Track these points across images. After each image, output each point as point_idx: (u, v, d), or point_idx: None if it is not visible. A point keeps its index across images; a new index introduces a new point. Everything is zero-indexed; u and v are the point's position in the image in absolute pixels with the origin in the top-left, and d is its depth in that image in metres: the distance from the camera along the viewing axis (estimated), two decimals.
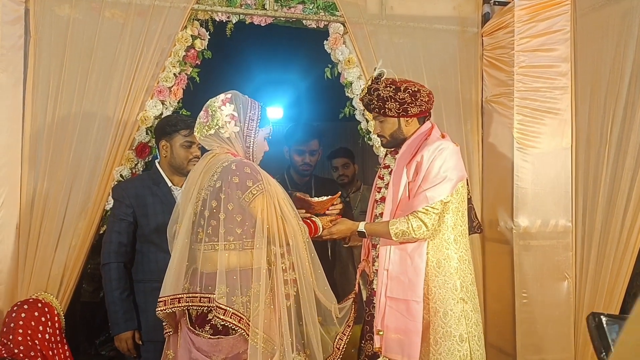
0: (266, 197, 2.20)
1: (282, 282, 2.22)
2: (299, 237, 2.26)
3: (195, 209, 2.25)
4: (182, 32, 3.05)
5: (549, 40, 3.26)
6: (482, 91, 3.53)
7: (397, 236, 2.45)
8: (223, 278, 2.16)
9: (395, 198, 2.53)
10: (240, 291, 2.17)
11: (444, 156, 2.46)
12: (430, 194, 2.43)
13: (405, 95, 2.50)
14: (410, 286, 2.45)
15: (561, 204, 3.28)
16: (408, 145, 2.57)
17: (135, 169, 3.04)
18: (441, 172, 2.45)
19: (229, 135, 2.29)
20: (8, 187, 2.77)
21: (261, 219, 2.19)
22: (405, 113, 2.54)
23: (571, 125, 3.28)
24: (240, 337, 2.17)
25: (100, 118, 2.94)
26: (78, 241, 2.91)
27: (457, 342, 2.44)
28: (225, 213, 2.17)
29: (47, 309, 2.70)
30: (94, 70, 2.95)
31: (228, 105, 2.30)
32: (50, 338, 2.65)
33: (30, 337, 2.56)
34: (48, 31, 2.89)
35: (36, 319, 2.61)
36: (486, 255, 3.49)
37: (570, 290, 3.26)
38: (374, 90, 2.54)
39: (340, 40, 3.31)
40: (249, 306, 2.17)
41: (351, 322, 2.41)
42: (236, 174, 2.19)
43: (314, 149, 3.67)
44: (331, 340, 2.36)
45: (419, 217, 2.43)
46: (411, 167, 2.50)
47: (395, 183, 2.54)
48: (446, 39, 3.49)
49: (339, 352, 2.35)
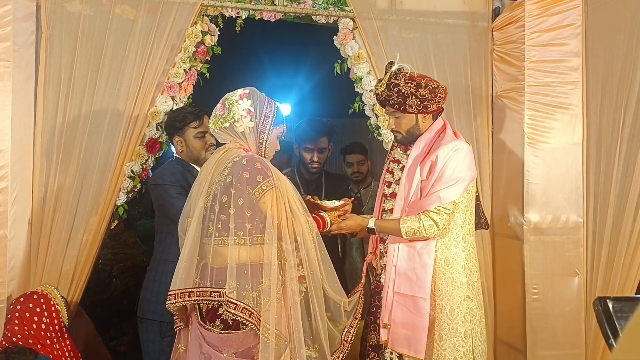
0: (276, 193, 2.21)
1: (293, 278, 2.23)
2: (307, 235, 2.26)
3: (206, 204, 2.26)
4: (192, 28, 3.05)
5: (560, 34, 3.24)
6: (492, 86, 3.51)
7: (407, 234, 2.46)
8: (233, 273, 2.17)
9: (407, 195, 2.52)
10: (250, 286, 2.19)
11: (459, 157, 2.47)
12: (444, 194, 2.44)
13: (426, 92, 2.49)
14: (418, 283, 2.46)
15: (572, 199, 3.26)
16: (423, 142, 2.55)
17: (146, 164, 3.06)
18: (455, 173, 2.46)
19: (244, 130, 2.31)
20: (20, 182, 2.79)
21: (271, 215, 2.20)
22: (425, 110, 2.52)
23: (582, 121, 3.26)
24: (251, 332, 2.18)
25: (111, 114, 2.96)
26: (89, 237, 2.93)
27: (462, 338, 2.48)
28: (235, 208, 2.18)
29: (42, 300, 2.71)
30: (104, 66, 2.96)
31: (245, 100, 2.31)
32: (47, 328, 2.67)
33: (26, 327, 2.61)
34: (59, 27, 2.91)
35: (30, 310, 2.64)
36: (496, 251, 3.47)
37: (581, 286, 3.24)
38: (394, 86, 2.50)
39: (349, 35, 3.30)
40: (259, 301, 2.18)
41: (359, 315, 2.42)
42: (247, 169, 2.20)
43: (323, 146, 3.66)
44: (339, 334, 2.37)
45: (431, 217, 2.44)
46: (425, 166, 2.49)
47: (408, 180, 2.53)
48: (456, 34, 3.47)
49: (347, 345, 2.36)
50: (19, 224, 2.80)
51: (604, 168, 3.13)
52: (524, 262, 3.24)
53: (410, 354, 2.46)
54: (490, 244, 3.47)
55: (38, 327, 2.62)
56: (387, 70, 2.57)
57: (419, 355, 2.43)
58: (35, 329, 2.62)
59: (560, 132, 3.26)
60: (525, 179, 3.24)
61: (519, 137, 3.29)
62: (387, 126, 2.69)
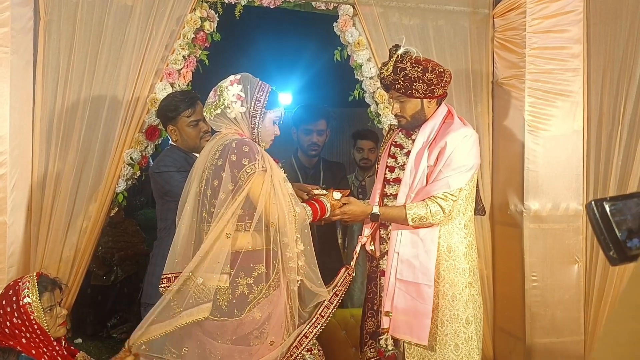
0: (261, 179, 2.20)
1: (287, 264, 2.24)
2: (288, 224, 2.23)
3: (199, 188, 2.27)
4: (191, 14, 3.03)
5: (562, 21, 3.22)
6: (493, 73, 3.49)
7: (414, 221, 2.44)
8: (227, 259, 2.18)
9: (413, 181, 2.50)
10: (244, 272, 2.20)
11: (468, 144, 2.46)
12: (452, 180, 2.43)
13: (433, 76, 2.46)
14: (422, 270, 2.45)
15: (572, 187, 3.26)
16: (429, 128, 2.53)
17: (145, 151, 3.05)
18: (464, 160, 2.45)
19: (235, 116, 2.30)
20: (20, 168, 2.78)
21: (257, 200, 2.20)
22: (432, 94, 2.50)
23: (583, 108, 3.25)
24: (246, 319, 2.19)
25: (109, 100, 2.95)
26: (89, 223, 2.93)
27: (464, 324, 2.48)
28: (225, 193, 2.18)
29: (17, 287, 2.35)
30: (103, 52, 2.95)
31: (236, 85, 2.31)
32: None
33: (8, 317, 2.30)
34: (57, 13, 2.90)
35: (7, 297, 2.32)
36: (496, 238, 3.47)
37: (581, 274, 3.25)
38: (401, 70, 2.46)
39: (349, 22, 3.28)
40: (253, 287, 2.19)
41: (340, 292, 2.40)
42: (234, 151, 2.20)
43: (321, 128, 3.65)
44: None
45: (438, 203, 2.43)
46: (433, 152, 2.47)
47: (415, 166, 2.51)
48: (457, 21, 3.45)
49: (322, 320, 2.33)
50: (18, 210, 2.79)
51: (604, 156, 3.13)
52: (523, 250, 3.24)
53: (412, 340, 2.46)
54: (490, 232, 3.47)
55: (11, 316, 2.29)
56: (392, 53, 2.52)
57: (422, 341, 2.43)
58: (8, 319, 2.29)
59: (561, 119, 3.25)
60: (525, 166, 3.23)
61: (519, 125, 3.28)
62: (391, 111, 2.65)
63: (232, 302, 2.19)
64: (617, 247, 0.83)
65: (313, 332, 2.32)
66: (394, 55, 2.50)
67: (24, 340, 2.28)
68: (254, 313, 2.20)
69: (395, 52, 2.50)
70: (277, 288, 2.25)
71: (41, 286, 2.34)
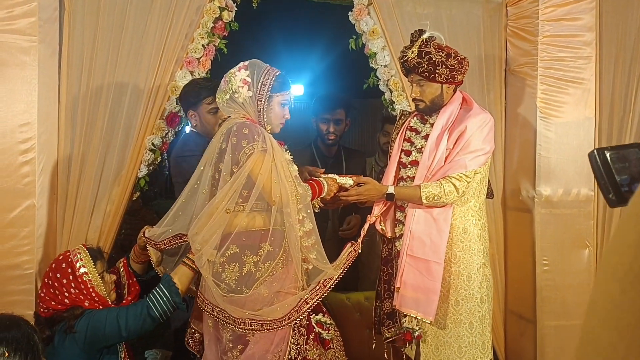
0: (260, 158, 2.28)
1: (295, 242, 2.31)
2: (292, 204, 2.31)
3: (212, 172, 2.38)
4: (210, 4, 3.10)
5: (574, 9, 3.25)
6: (505, 61, 3.54)
7: (427, 199, 2.51)
8: (234, 239, 2.30)
9: (431, 164, 2.57)
10: (249, 250, 2.30)
11: (487, 129, 2.55)
12: (469, 162, 2.51)
13: (455, 62, 2.54)
14: (432, 247, 2.52)
15: (583, 173, 3.30)
16: (448, 112, 2.60)
17: (166, 137, 3.14)
18: (482, 144, 2.53)
19: (243, 101, 2.39)
20: (47, 153, 2.88)
21: (257, 180, 2.28)
22: (453, 80, 2.57)
23: (595, 95, 3.29)
24: (254, 294, 2.30)
25: (132, 88, 3.04)
26: (112, 207, 3.02)
27: (478, 303, 2.55)
28: (228, 174, 2.28)
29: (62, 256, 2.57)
30: (125, 41, 3.03)
31: (243, 71, 2.40)
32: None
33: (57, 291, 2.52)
34: (81, 3, 2.98)
35: (62, 270, 2.51)
36: (508, 223, 3.53)
37: (591, 259, 3.30)
38: (426, 54, 2.52)
39: (364, 11, 3.34)
40: (260, 265, 2.29)
41: (345, 267, 2.43)
42: (235, 134, 2.30)
43: (339, 117, 3.70)
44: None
45: (452, 182, 2.50)
46: (452, 136, 2.55)
47: (433, 149, 2.57)
48: (470, 9, 3.49)
49: (324, 289, 2.37)
50: (46, 194, 2.89)
51: (615, 142, 3.17)
52: (535, 235, 3.29)
53: (418, 315, 2.52)
54: (502, 217, 3.52)
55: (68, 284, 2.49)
56: (416, 38, 2.58)
57: (428, 317, 2.50)
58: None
59: (573, 106, 3.29)
60: (537, 152, 3.28)
61: (531, 112, 3.32)
62: (410, 94, 2.70)
63: (239, 280, 2.30)
64: (615, 191, 0.91)
65: (314, 300, 2.36)
66: (417, 39, 2.56)
67: (86, 303, 2.47)
68: (260, 290, 2.30)
69: (420, 36, 2.56)
70: (284, 266, 2.34)
71: (92, 256, 2.52)
